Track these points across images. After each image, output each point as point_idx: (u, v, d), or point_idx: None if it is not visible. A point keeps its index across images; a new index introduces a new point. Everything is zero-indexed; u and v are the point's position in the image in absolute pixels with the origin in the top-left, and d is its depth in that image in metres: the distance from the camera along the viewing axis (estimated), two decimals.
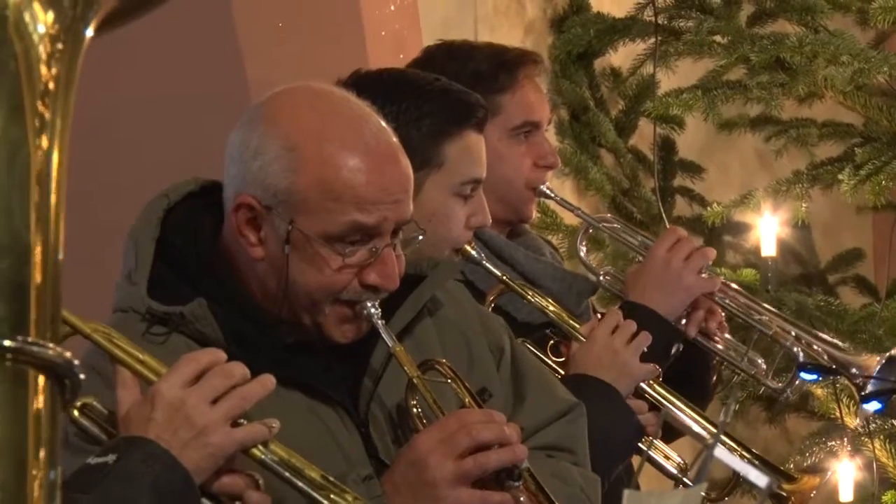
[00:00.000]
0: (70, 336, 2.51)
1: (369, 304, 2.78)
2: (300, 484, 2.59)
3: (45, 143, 2.03)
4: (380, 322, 2.79)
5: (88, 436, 2.48)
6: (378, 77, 3.43)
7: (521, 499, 2.77)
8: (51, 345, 1.97)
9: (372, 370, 2.85)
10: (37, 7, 2.03)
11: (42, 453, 1.99)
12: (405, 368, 2.81)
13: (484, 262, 3.45)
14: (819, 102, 5.22)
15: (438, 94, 3.34)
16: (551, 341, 3.53)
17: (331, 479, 2.61)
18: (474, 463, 2.73)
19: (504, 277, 3.50)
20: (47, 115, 2.04)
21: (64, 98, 2.03)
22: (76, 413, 2.52)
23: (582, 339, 3.51)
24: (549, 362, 3.49)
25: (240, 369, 2.54)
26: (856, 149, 5.15)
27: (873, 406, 3.74)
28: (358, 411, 2.84)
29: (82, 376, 1.99)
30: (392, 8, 4.51)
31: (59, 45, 2.05)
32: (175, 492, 2.45)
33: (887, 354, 3.78)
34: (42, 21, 2.04)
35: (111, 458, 2.32)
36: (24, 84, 2.02)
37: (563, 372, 3.44)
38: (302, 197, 2.74)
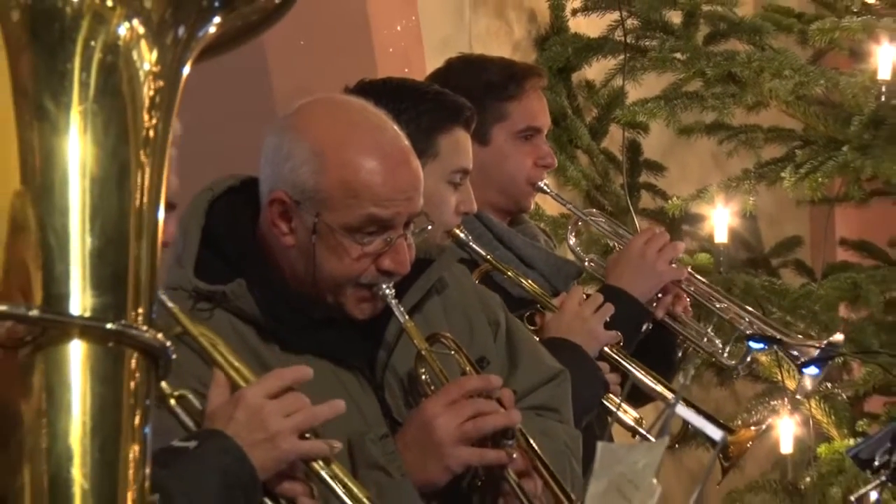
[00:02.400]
0: (181, 335, 2.53)
1: (384, 286, 2.79)
2: (349, 501, 2.56)
3: (145, 158, 2.05)
4: (393, 301, 2.80)
5: (179, 423, 2.48)
6: (382, 84, 3.43)
7: (514, 455, 2.79)
8: (147, 329, 1.98)
9: (386, 343, 2.86)
10: (143, 47, 2.04)
11: (136, 421, 2.01)
12: (415, 341, 2.82)
13: (470, 243, 3.46)
14: (765, 110, 5.24)
15: (433, 97, 3.35)
16: (527, 312, 3.51)
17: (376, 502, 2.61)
18: (474, 425, 2.74)
19: (488, 257, 3.50)
20: (150, 136, 2.05)
21: (164, 121, 2.06)
22: (172, 402, 2.51)
23: (555, 309, 3.52)
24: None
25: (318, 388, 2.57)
26: (796, 151, 5.17)
27: (812, 371, 3.75)
28: (374, 378, 2.85)
29: (174, 356, 2.01)
30: (398, 28, 4.51)
31: (161, 83, 2.07)
32: (240, 482, 2.46)
33: (825, 342, 3.78)
34: (147, 59, 2.05)
35: (192, 443, 2.34)
36: (129, 109, 2.04)
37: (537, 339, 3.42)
38: (326, 195, 2.75)
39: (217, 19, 2.12)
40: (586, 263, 3.89)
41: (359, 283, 2.78)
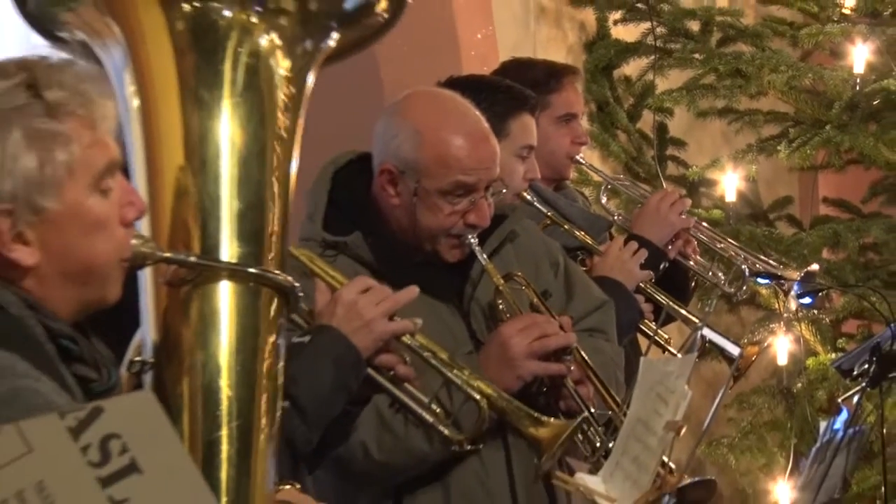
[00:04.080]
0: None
1: (469, 236, 2.76)
2: (434, 362, 2.59)
3: (279, 142, 2.06)
4: (476, 248, 2.78)
5: (294, 324, 2.45)
6: (466, 80, 3.41)
7: (572, 367, 2.76)
8: (279, 272, 1.98)
9: (471, 280, 2.83)
10: (279, 55, 2.04)
11: (270, 344, 2.01)
12: (493, 279, 2.80)
13: (535, 203, 3.42)
14: (764, 98, 5.17)
15: (505, 89, 3.32)
16: (580, 257, 3.47)
17: (455, 359, 2.60)
18: (540, 344, 2.71)
19: (549, 215, 3.46)
20: (284, 125, 2.05)
21: (294, 114, 2.07)
22: None
23: (600, 254, 3.47)
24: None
25: (413, 291, 2.52)
26: (789, 129, 5.12)
27: (806, 300, 3.76)
28: (462, 308, 2.82)
29: (301, 294, 2.01)
30: (478, 36, 4.52)
31: (292, 86, 2.07)
32: (349, 363, 2.43)
33: (805, 270, 3.76)
34: (282, 66, 2.05)
35: (307, 338, 2.31)
36: (267, 102, 2.04)
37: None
38: (424, 165, 2.72)
39: (337, 35, 2.12)
40: (615, 217, 3.83)
41: (450, 234, 2.75)
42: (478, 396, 2.59)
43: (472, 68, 4.16)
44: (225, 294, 1.96)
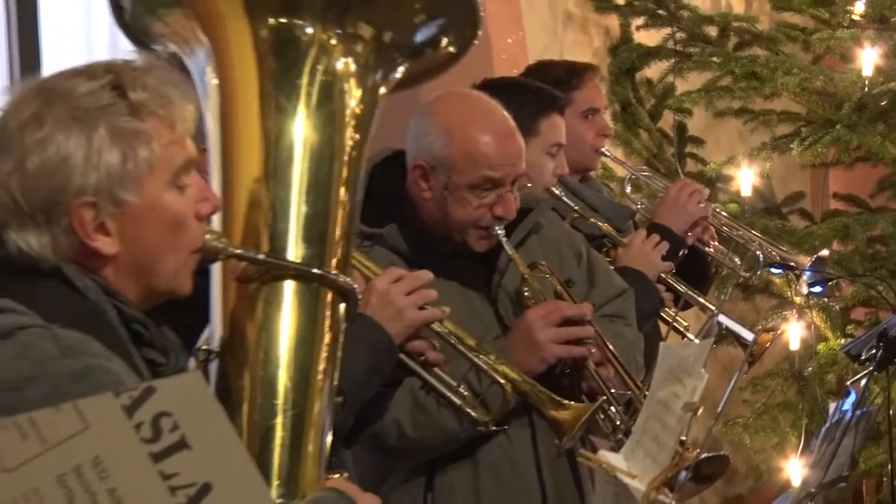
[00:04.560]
0: None
1: (497, 228, 2.77)
2: (461, 348, 2.60)
3: (346, 157, 2.08)
4: (503, 239, 2.78)
5: None
6: (499, 82, 3.43)
7: (593, 350, 2.76)
8: (342, 275, 1.99)
9: (499, 269, 2.83)
10: (352, 82, 2.05)
11: (327, 342, 2.02)
12: (519, 268, 2.80)
13: (563, 198, 3.42)
14: (778, 99, 5.13)
15: (535, 90, 3.33)
16: (605, 248, 3.48)
17: (481, 345, 2.61)
18: (566, 331, 2.72)
19: (576, 208, 3.46)
20: (352, 145, 2.06)
21: (363, 134, 2.08)
22: None
23: (624, 245, 3.47)
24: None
25: (426, 276, 2.55)
26: (801, 128, 5.08)
27: (817, 289, 3.75)
28: (490, 295, 2.82)
29: (360, 296, 2.02)
30: (509, 40, 4.51)
31: (363, 111, 2.07)
32: (382, 349, 2.46)
33: (815, 256, 3.76)
34: (353, 94, 2.06)
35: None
36: (338, 118, 2.04)
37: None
38: (453, 161, 2.72)
39: (404, 67, 2.12)
40: (638, 207, 3.83)
41: (478, 225, 2.76)
42: (502, 381, 2.59)
43: (504, 71, 4.16)
44: (289, 292, 1.97)
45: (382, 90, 2.12)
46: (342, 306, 2.03)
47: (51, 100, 1.70)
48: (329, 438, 2.00)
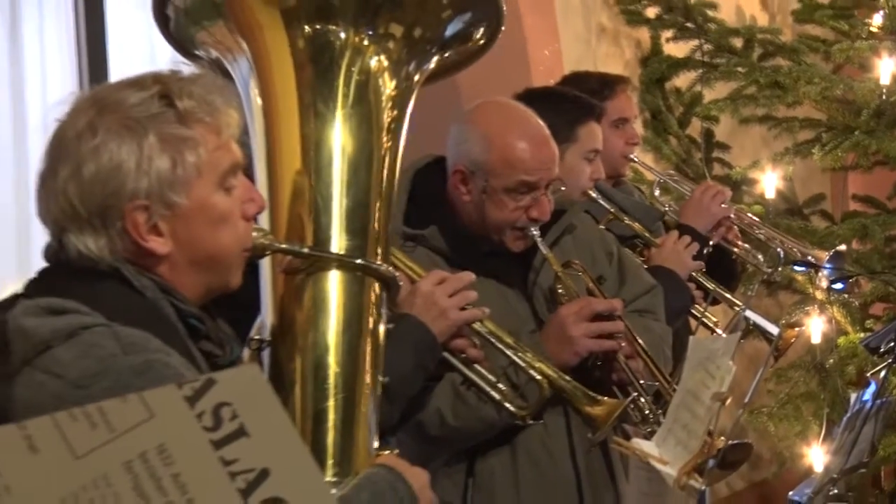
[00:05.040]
0: None
1: (532, 229, 2.76)
2: (500, 346, 2.60)
3: (384, 149, 2.09)
4: (538, 239, 2.78)
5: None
6: (540, 91, 3.43)
7: (623, 344, 2.75)
8: (383, 264, 1.98)
9: (534, 267, 2.83)
10: (387, 76, 2.05)
11: (372, 326, 2.02)
12: (553, 266, 2.80)
13: (599, 200, 3.42)
14: (800, 106, 5.11)
15: (574, 99, 3.33)
16: (639, 248, 3.49)
17: (520, 343, 2.60)
18: (597, 326, 2.71)
19: (612, 210, 3.46)
20: (389, 137, 2.07)
21: (398, 125, 2.08)
22: None
23: (657, 245, 3.46)
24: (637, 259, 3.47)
25: (468, 277, 2.54)
26: (822, 134, 5.04)
27: (838, 286, 3.73)
28: (526, 292, 2.82)
29: (401, 283, 2.02)
30: (546, 52, 4.50)
31: (397, 105, 2.09)
32: (427, 346, 2.46)
33: (833, 251, 3.74)
34: (388, 87, 2.05)
35: (391, 326, 2.33)
36: (374, 115, 2.04)
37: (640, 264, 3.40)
38: (491, 167, 2.72)
39: (437, 58, 2.12)
40: (666, 209, 3.81)
41: (515, 226, 2.75)
42: (539, 377, 2.59)
43: (541, 81, 4.15)
44: (334, 282, 1.98)
45: (416, 78, 2.11)
46: (384, 293, 2.04)
47: (103, 110, 1.71)
48: (376, 417, 2.01)
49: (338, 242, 2.00)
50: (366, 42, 2.04)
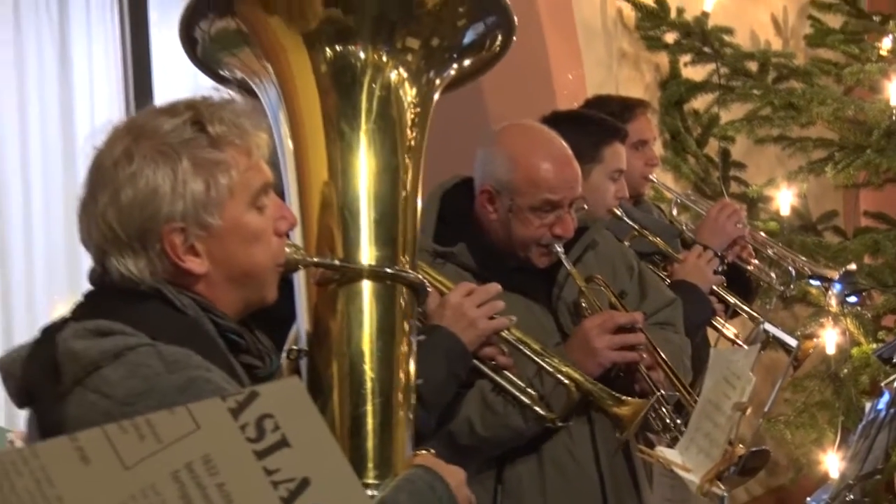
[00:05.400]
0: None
1: (556, 245, 2.76)
2: (528, 352, 2.60)
3: (409, 161, 2.07)
4: (562, 255, 2.77)
5: None
6: (567, 114, 3.43)
7: (644, 355, 2.74)
8: (411, 272, 1.98)
9: (558, 282, 2.82)
10: (407, 85, 2.04)
11: (404, 332, 2.02)
12: (577, 281, 2.80)
13: (624, 218, 3.42)
14: (813, 127, 5.09)
15: (599, 121, 3.33)
16: (663, 263, 3.49)
17: (546, 349, 2.59)
18: (619, 338, 2.71)
19: (636, 228, 3.46)
20: (412, 146, 2.06)
21: (420, 136, 2.08)
22: None
23: (680, 261, 3.45)
24: (661, 274, 3.45)
25: (495, 288, 2.54)
26: (835, 153, 5.02)
27: (852, 299, 3.71)
28: (551, 306, 2.81)
29: (429, 290, 2.01)
30: (569, 76, 4.50)
31: (418, 109, 2.06)
32: (458, 355, 2.46)
33: (843, 270, 3.72)
34: (409, 94, 2.05)
35: (422, 337, 2.33)
36: (397, 127, 2.04)
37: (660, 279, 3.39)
38: (517, 186, 2.72)
39: (456, 65, 2.11)
40: (683, 227, 3.79)
41: (539, 243, 2.75)
42: (566, 381, 2.59)
43: (564, 104, 4.14)
44: (366, 291, 1.97)
45: (437, 83, 2.11)
46: (414, 299, 2.04)
47: (139, 137, 1.71)
48: (412, 419, 2.00)
49: (368, 253, 2.00)
50: (384, 58, 2.04)
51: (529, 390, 2.59)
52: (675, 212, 4.02)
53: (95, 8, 5.96)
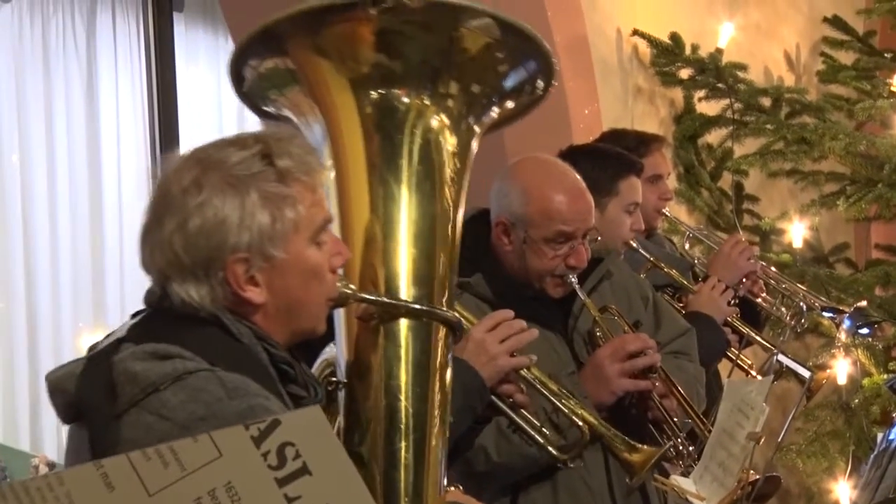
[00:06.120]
0: None
1: (571, 276, 2.75)
2: (545, 392, 2.59)
3: (448, 204, 2.07)
4: (577, 286, 2.76)
5: None
6: (583, 148, 3.43)
7: (657, 384, 2.73)
8: (448, 310, 1.98)
9: (573, 313, 2.82)
10: (447, 133, 2.05)
11: (440, 368, 2.02)
12: (591, 311, 2.79)
13: (640, 250, 3.43)
14: (825, 161, 5.09)
15: (616, 155, 3.33)
16: (678, 294, 3.49)
17: (563, 390, 2.59)
18: (630, 364, 2.70)
19: (651, 259, 3.47)
20: (451, 189, 2.07)
21: (460, 181, 2.09)
22: None
23: (694, 292, 3.45)
24: (675, 305, 3.45)
25: (519, 324, 2.52)
26: (847, 187, 5.03)
27: (864, 331, 3.70)
28: (566, 335, 2.80)
29: (466, 327, 1.99)
30: (586, 111, 4.50)
31: (459, 161, 2.08)
32: (475, 389, 2.44)
33: (854, 305, 3.72)
34: (450, 143, 2.06)
35: None
36: (437, 172, 2.05)
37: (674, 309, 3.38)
38: (531, 218, 2.71)
39: (497, 109, 2.12)
40: (695, 261, 3.80)
41: (554, 274, 2.74)
42: (581, 423, 2.57)
43: (581, 139, 4.14)
44: (403, 327, 1.98)
45: (477, 130, 2.12)
46: (449, 336, 2.04)
47: (208, 168, 1.72)
48: (445, 455, 2.00)
49: (407, 290, 2.00)
50: (427, 102, 2.04)
51: (544, 430, 2.58)
52: (686, 245, 4.02)
53: (122, 44, 6.02)
